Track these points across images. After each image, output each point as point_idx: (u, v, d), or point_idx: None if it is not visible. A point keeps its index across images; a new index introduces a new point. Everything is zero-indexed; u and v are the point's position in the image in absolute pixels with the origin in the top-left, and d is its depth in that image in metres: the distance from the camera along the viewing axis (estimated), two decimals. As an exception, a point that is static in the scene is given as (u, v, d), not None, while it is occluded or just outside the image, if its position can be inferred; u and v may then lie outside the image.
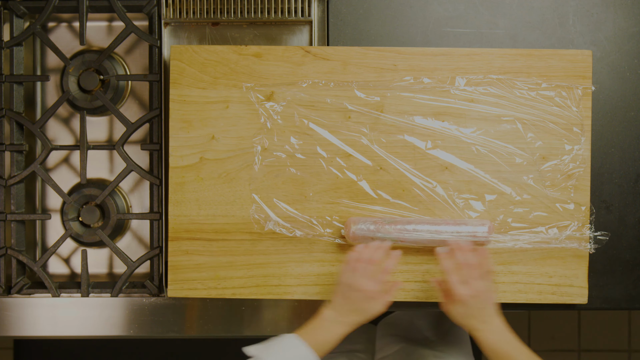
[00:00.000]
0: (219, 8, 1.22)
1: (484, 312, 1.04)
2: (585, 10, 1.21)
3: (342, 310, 1.05)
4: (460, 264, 1.05)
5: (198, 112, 1.17)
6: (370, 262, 1.06)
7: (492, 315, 1.04)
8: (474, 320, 1.04)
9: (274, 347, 1.03)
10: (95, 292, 1.22)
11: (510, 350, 1.02)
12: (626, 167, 1.21)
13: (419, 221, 1.12)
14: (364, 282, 1.04)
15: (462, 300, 1.03)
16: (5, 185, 1.22)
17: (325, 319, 1.05)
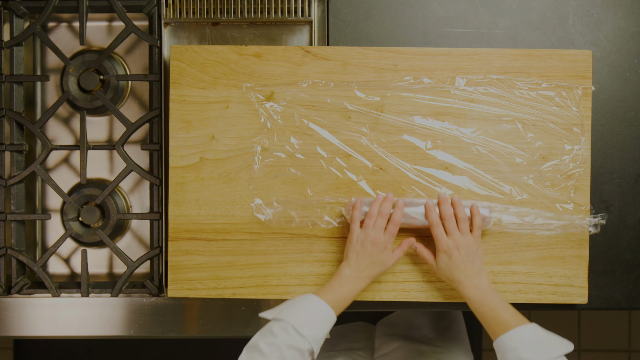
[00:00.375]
0: (219, 8, 1.22)
1: (469, 266, 1.06)
2: (585, 10, 1.21)
3: (359, 265, 1.08)
4: (445, 216, 1.08)
5: (198, 112, 1.17)
6: (379, 215, 1.09)
7: (477, 272, 1.06)
8: (458, 273, 1.06)
9: (291, 307, 1.04)
10: (95, 292, 1.22)
11: (495, 308, 1.04)
12: (626, 167, 1.21)
13: (420, 203, 1.12)
14: (376, 235, 1.07)
15: (446, 251, 1.06)
16: (5, 185, 1.22)
17: (342, 276, 1.08)
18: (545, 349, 0.99)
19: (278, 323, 1.02)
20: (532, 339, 1.00)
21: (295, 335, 1.00)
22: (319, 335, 1.02)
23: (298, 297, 1.07)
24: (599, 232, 1.16)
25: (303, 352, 1.00)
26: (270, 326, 1.02)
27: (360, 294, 1.16)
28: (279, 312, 1.04)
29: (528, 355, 0.98)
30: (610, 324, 2.21)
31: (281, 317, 1.02)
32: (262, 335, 1.01)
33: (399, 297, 1.17)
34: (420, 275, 1.17)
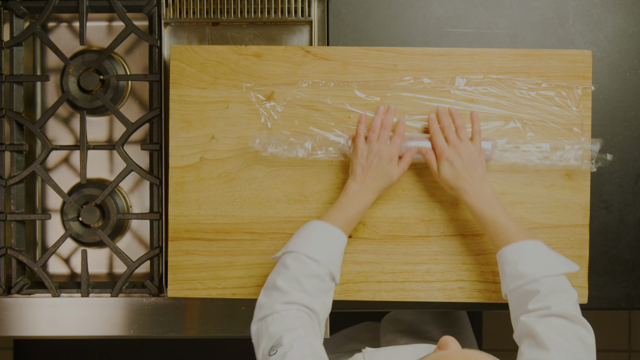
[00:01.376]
0: (219, 8, 1.22)
1: (471, 174, 1.06)
2: (585, 10, 1.21)
3: (365, 178, 1.07)
4: (445, 126, 1.09)
5: (198, 112, 1.17)
6: (383, 128, 1.09)
7: (480, 180, 1.06)
8: (461, 181, 1.06)
9: (299, 237, 1.02)
10: (95, 292, 1.22)
11: (497, 217, 1.03)
12: (626, 167, 1.21)
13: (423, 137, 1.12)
14: (381, 147, 1.08)
15: (447, 158, 1.06)
16: (5, 185, 1.22)
17: (349, 192, 1.07)
18: (546, 265, 0.98)
19: (289, 255, 1.00)
20: (533, 253, 0.99)
21: (309, 262, 0.98)
22: (333, 258, 1.01)
23: (303, 226, 1.05)
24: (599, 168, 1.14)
25: (323, 278, 0.99)
26: (282, 261, 1.00)
27: (360, 294, 1.16)
28: (287, 246, 1.02)
29: (526, 269, 0.97)
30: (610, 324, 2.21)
31: (291, 249, 1.00)
32: (277, 273, 0.99)
33: (399, 297, 1.17)
34: (420, 275, 1.17)
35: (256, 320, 0.97)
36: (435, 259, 1.17)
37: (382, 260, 1.17)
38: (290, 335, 0.92)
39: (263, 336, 0.94)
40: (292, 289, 0.96)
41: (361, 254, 1.17)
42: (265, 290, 0.99)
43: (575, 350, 0.90)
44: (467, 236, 1.16)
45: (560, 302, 0.95)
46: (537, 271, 0.97)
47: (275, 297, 0.96)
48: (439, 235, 1.16)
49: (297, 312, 0.95)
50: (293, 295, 0.96)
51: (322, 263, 0.99)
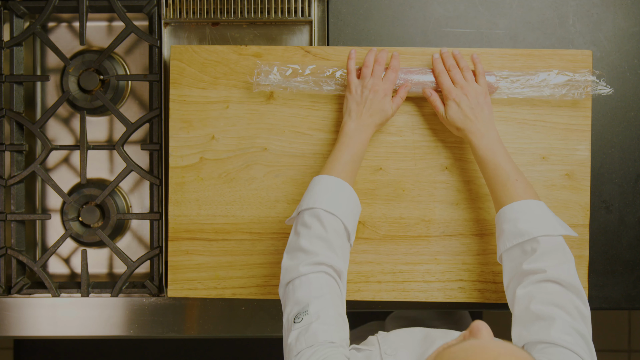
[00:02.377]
0: (219, 8, 1.22)
1: (478, 114, 1.05)
2: (585, 10, 1.21)
3: (360, 114, 1.07)
4: (450, 66, 1.09)
5: (198, 112, 1.17)
6: (377, 63, 1.09)
7: (487, 122, 1.05)
8: (468, 122, 1.05)
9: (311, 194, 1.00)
10: (95, 292, 1.22)
11: (500, 162, 1.02)
12: (626, 167, 1.21)
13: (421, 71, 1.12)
14: (375, 82, 1.07)
15: (454, 98, 1.06)
16: (5, 185, 1.22)
17: (347, 131, 1.06)
18: (545, 225, 0.97)
19: (307, 212, 0.98)
20: (534, 212, 0.98)
21: (329, 217, 0.97)
22: (348, 212, 1.00)
23: (312, 183, 1.03)
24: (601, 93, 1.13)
25: (341, 234, 0.98)
26: (301, 220, 0.99)
27: (361, 294, 1.16)
28: (302, 204, 1.01)
29: (526, 227, 0.96)
30: (610, 324, 2.21)
31: (307, 205, 0.99)
32: (297, 233, 0.98)
33: (399, 297, 1.17)
34: (420, 275, 1.17)
35: (283, 284, 0.96)
36: (435, 259, 1.17)
37: (382, 260, 1.17)
38: (317, 303, 0.91)
39: (289, 300, 0.93)
40: (317, 249, 0.95)
41: (361, 254, 1.17)
42: (288, 253, 0.97)
43: (572, 322, 0.90)
44: (467, 236, 1.16)
45: (556, 265, 0.94)
46: (537, 230, 0.96)
47: (301, 259, 0.95)
48: (439, 235, 1.16)
49: (325, 275, 0.94)
50: (320, 255, 0.95)
51: (339, 217, 0.98)
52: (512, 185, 1.01)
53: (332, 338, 0.88)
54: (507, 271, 1.00)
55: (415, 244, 1.17)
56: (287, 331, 0.92)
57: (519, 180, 1.02)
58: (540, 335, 0.88)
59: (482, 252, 1.16)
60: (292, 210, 1.16)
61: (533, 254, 0.96)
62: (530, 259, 0.96)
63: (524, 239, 0.97)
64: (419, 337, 0.95)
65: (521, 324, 0.93)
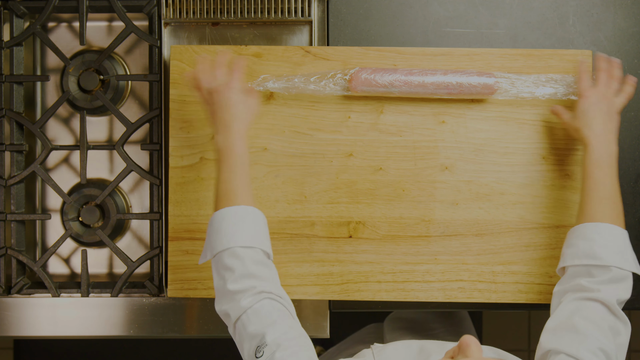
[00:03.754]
0: (219, 8, 1.22)
1: (607, 121, 1.03)
2: (585, 10, 1.21)
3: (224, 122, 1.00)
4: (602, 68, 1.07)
5: (198, 112, 1.17)
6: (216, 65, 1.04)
7: (610, 132, 1.03)
8: (595, 125, 1.02)
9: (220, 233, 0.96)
10: (95, 292, 1.22)
11: (606, 178, 1.00)
12: (626, 167, 1.21)
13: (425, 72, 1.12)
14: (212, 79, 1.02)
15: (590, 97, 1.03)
16: (5, 185, 1.22)
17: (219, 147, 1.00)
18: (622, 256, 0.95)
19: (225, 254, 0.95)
20: (616, 240, 0.96)
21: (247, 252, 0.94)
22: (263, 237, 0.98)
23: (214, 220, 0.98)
24: None
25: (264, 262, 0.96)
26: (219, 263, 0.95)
27: (360, 294, 1.16)
28: (213, 246, 0.96)
29: (601, 252, 0.95)
30: (610, 324, 2.20)
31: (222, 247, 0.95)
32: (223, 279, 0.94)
33: (399, 297, 1.17)
34: (420, 275, 1.17)
35: (232, 325, 0.93)
36: (435, 259, 1.17)
37: (382, 260, 1.17)
38: (273, 331, 0.88)
39: (244, 338, 0.90)
40: (249, 285, 0.92)
41: (361, 254, 1.17)
42: (221, 298, 0.94)
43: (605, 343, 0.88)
44: (467, 236, 1.16)
45: (613, 291, 0.93)
46: (612, 259, 0.94)
47: (238, 297, 0.92)
48: (439, 235, 1.16)
49: (270, 301, 0.91)
50: (257, 287, 0.92)
51: (257, 247, 0.96)
52: (606, 206, 0.99)
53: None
54: (565, 280, 0.99)
55: (415, 244, 1.17)
56: None
57: (617, 203, 1.00)
58: (569, 348, 0.87)
59: (482, 252, 1.16)
60: (292, 210, 1.16)
61: (598, 277, 0.95)
62: (592, 280, 0.95)
63: (595, 262, 0.95)
64: (415, 350, 0.94)
65: (554, 331, 0.92)
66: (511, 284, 1.16)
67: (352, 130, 1.17)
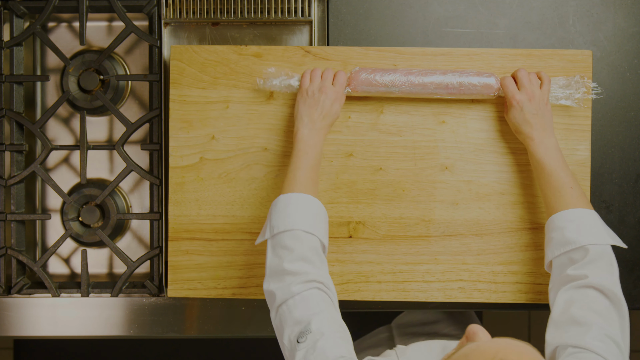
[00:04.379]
0: (219, 8, 1.22)
1: (539, 120, 1.06)
2: (585, 10, 1.21)
3: (312, 118, 1.07)
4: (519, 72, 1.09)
5: (198, 112, 1.17)
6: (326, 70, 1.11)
7: (547, 129, 1.06)
8: (529, 127, 1.06)
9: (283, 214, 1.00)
10: (95, 292, 1.22)
11: (556, 169, 1.03)
12: (626, 167, 1.21)
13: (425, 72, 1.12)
14: (325, 83, 1.09)
15: (518, 102, 1.06)
16: (5, 185, 1.22)
17: (301, 138, 1.07)
18: (594, 233, 0.97)
19: (286, 234, 0.98)
20: (582, 220, 0.98)
21: (309, 237, 0.97)
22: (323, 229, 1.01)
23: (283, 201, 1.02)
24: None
25: (319, 251, 0.99)
26: (280, 243, 0.98)
27: (361, 294, 1.16)
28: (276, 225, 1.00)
29: (572, 235, 0.97)
30: (610, 324, 2.20)
31: (285, 227, 0.98)
32: (279, 256, 0.97)
33: (399, 297, 1.17)
34: (420, 275, 1.17)
35: (275, 307, 0.95)
36: (435, 259, 1.17)
37: (382, 260, 1.17)
38: (319, 320, 0.90)
39: (287, 322, 0.92)
40: (304, 269, 0.94)
41: (361, 254, 1.17)
42: (273, 277, 0.96)
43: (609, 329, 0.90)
44: (467, 236, 1.16)
45: (600, 273, 0.95)
46: (584, 239, 0.96)
47: (290, 280, 0.94)
48: (439, 235, 1.17)
49: (318, 292, 0.93)
50: (310, 274, 0.94)
51: (317, 236, 0.99)
52: (566, 193, 1.01)
53: (341, 352, 0.87)
54: (554, 277, 1.00)
55: (415, 244, 1.17)
56: (290, 352, 0.90)
57: (574, 188, 1.02)
58: (575, 340, 0.89)
59: (482, 252, 1.16)
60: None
61: (580, 261, 0.96)
62: (575, 266, 0.96)
63: (570, 247, 0.97)
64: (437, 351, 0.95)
65: (557, 326, 0.93)
66: (511, 284, 1.16)
67: (352, 130, 1.17)
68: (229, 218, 1.17)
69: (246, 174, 1.17)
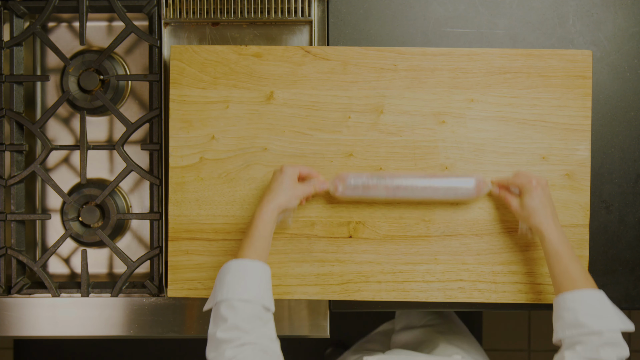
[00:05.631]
0: (219, 8, 1.22)
1: (549, 207, 1.07)
2: (585, 10, 1.21)
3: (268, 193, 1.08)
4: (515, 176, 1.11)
5: (198, 112, 1.17)
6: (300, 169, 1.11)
7: (553, 217, 1.07)
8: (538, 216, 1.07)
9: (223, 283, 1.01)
10: (95, 292, 1.22)
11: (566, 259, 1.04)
12: (626, 167, 1.21)
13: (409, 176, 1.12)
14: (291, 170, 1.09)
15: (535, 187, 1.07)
16: (5, 185, 1.22)
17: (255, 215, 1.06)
18: (604, 318, 0.99)
19: (222, 305, 0.99)
20: (594, 305, 1.00)
21: (243, 305, 0.98)
22: (262, 292, 1.01)
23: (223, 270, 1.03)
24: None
25: (260, 315, 0.99)
26: (216, 313, 1.00)
27: (361, 294, 1.17)
28: (215, 295, 1.01)
29: (585, 320, 0.99)
30: (610, 324, 2.20)
31: (221, 297, 1.00)
32: (215, 325, 0.99)
33: (399, 297, 1.17)
34: (420, 275, 1.17)
35: None
36: (435, 259, 1.17)
37: (382, 260, 1.17)
38: None
39: None
40: (237, 336, 0.96)
41: (361, 254, 1.17)
42: (210, 344, 0.99)
43: None
44: (467, 236, 1.16)
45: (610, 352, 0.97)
46: (597, 324, 0.99)
47: (224, 347, 0.96)
48: (439, 235, 1.17)
49: (252, 350, 0.95)
50: (242, 339, 0.96)
51: (254, 302, 0.99)
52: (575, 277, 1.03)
53: None
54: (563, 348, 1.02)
55: (415, 244, 1.17)
56: None
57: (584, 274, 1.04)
58: None
59: (482, 252, 1.16)
60: (292, 210, 1.17)
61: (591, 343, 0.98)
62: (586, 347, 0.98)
63: (583, 331, 0.99)
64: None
65: None
66: (511, 284, 1.16)
67: (352, 130, 1.17)
68: (229, 218, 1.17)
69: (246, 174, 1.17)
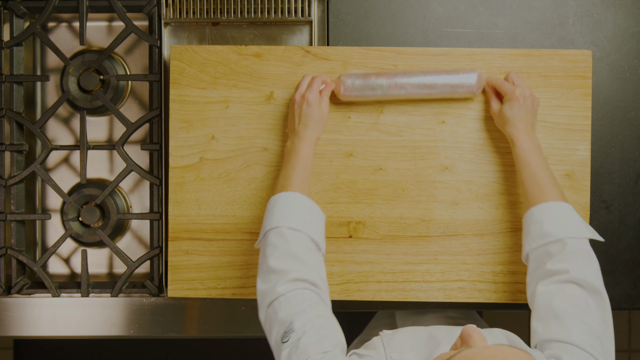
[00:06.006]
0: (219, 8, 1.22)
1: (525, 120, 1.07)
2: (585, 10, 1.21)
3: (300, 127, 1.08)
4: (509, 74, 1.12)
5: (198, 112, 1.17)
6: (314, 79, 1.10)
7: (528, 128, 1.07)
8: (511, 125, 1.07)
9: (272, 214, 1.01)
10: (95, 292, 1.22)
11: (538, 164, 1.04)
12: (626, 167, 1.21)
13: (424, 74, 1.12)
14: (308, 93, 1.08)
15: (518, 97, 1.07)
16: (5, 185, 1.22)
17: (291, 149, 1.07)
18: (572, 227, 0.98)
19: (271, 233, 0.99)
20: (561, 214, 0.99)
21: (294, 233, 0.98)
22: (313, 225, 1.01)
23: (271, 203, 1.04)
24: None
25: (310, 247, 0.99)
26: (266, 241, 1.00)
27: (360, 294, 1.16)
28: (265, 224, 1.01)
29: (551, 228, 0.98)
30: (610, 324, 2.20)
31: (270, 226, 1.00)
32: (265, 255, 0.98)
33: (399, 297, 1.17)
34: (420, 275, 1.17)
35: (263, 308, 0.96)
36: (435, 259, 1.17)
37: (382, 260, 1.17)
38: (301, 319, 0.91)
39: (273, 323, 0.94)
40: (287, 267, 0.95)
41: (361, 254, 1.17)
42: (261, 276, 0.98)
43: (591, 323, 0.90)
44: (467, 236, 1.16)
45: (580, 267, 0.95)
46: (562, 231, 0.97)
47: (274, 280, 0.95)
48: (439, 235, 1.17)
49: (302, 291, 0.94)
50: (292, 272, 0.95)
51: (304, 232, 0.99)
52: (544, 186, 1.02)
53: (323, 348, 0.88)
54: (532, 271, 1.01)
55: (415, 244, 1.17)
56: (277, 352, 0.92)
57: (553, 184, 1.03)
58: (557, 334, 0.90)
59: (482, 252, 1.16)
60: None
61: (558, 254, 0.97)
62: (554, 260, 0.97)
63: (549, 240, 0.98)
64: (423, 337, 0.95)
65: (539, 321, 0.94)
66: (511, 284, 1.16)
67: (352, 130, 1.17)
68: (229, 218, 1.17)
69: (246, 174, 1.17)
